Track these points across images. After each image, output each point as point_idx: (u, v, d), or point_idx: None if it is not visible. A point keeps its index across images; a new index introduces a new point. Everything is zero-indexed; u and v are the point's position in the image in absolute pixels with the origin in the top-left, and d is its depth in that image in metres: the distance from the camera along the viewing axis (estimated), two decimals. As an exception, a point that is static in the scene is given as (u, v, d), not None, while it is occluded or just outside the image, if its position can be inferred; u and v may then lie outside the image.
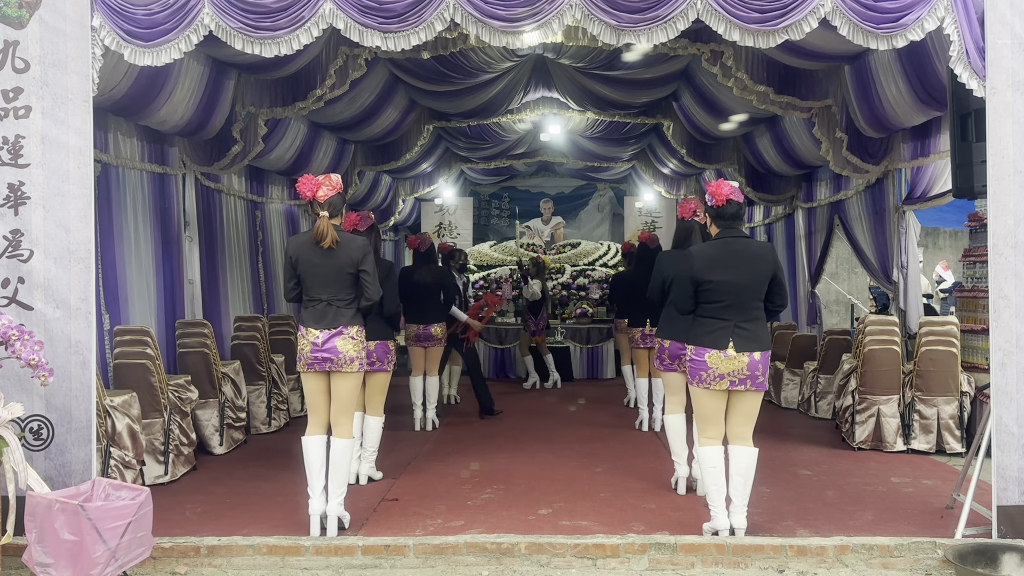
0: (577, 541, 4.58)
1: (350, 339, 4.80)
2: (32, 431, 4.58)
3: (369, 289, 4.81)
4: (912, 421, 7.10)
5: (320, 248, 4.76)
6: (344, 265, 4.78)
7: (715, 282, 4.60)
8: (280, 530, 4.85)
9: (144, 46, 4.76)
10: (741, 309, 4.61)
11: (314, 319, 4.80)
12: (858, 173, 8.11)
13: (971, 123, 5.03)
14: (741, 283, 4.61)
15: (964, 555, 4.25)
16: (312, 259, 4.79)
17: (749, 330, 4.61)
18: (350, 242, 4.83)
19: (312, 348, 4.78)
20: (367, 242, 4.95)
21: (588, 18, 4.78)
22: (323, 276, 4.78)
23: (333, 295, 4.80)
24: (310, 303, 4.84)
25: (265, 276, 9.84)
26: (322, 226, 4.73)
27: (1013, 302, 4.66)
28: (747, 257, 4.65)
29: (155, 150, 7.23)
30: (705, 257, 4.69)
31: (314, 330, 4.78)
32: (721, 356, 4.58)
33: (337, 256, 4.77)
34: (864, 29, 4.75)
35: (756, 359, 4.58)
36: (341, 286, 4.80)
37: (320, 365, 4.79)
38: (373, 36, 4.79)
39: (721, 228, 4.76)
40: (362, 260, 4.81)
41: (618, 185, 16.14)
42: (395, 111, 9.80)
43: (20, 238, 4.67)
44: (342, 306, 4.81)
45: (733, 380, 4.59)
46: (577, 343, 12.59)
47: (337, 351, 4.76)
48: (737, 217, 4.74)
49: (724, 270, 4.61)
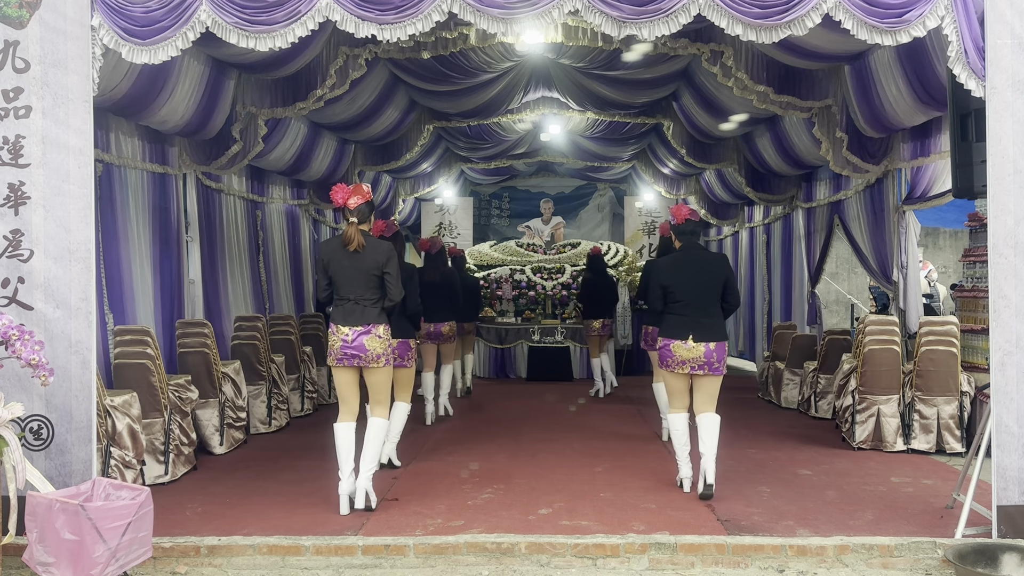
0: (577, 541, 4.58)
1: (377, 337, 5.19)
2: (32, 431, 4.58)
3: (392, 290, 5.21)
4: (912, 421, 7.10)
5: (348, 251, 5.16)
6: (370, 267, 5.17)
7: (677, 285, 5.55)
8: (280, 530, 4.85)
9: (141, 44, 4.75)
10: (699, 307, 5.53)
11: (343, 317, 5.20)
12: (858, 173, 8.11)
13: (971, 123, 5.02)
14: (698, 286, 5.54)
15: (964, 555, 4.25)
16: (341, 261, 5.19)
17: (706, 325, 5.49)
18: (376, 246, 5.24)
19: (342, 344, 5.18)
20: (392, 246, 5.36)
21: (589, 9, 4.76)
22: (351, 277, 5.18)
23: (360, 295, 5.19)
24: (339, 302, 5.24)
25: (266, 276, 9.84)
26: (350, 231, 5.14)
27: (1013, 302, 4.65)
28: (702, 265, 5.63)
29: (156, 150, 7.24)
30: (669, 265, 5.73)
31: (343, 328, 5.18)
32: (683, 346, 5.49)
33: (364, 259, 5.17)
34: (868, 24, 4.73)
35: (712, 348, 5.47)
36: (367, 287, 5.19)
37: (349, 361, 5.20)
38: (370, 27, 4.78)
39: (683, 242, 5.77)
40: (386, 263, 5.20)
41: (618, 185, 16.15)
42: (395, 111, 9.81)
43: (20, 238, 4.67)
44: (368, 305, 5.19)
45: (693, 366, 5.50)
46: (577, 343, 12.60)
47: (365, 349, 5.17)
48: (695, 233, 5.80)
49: (684, 276, 5.57)
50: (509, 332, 12.78)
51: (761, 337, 12.81)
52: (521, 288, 13.46)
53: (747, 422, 8.56)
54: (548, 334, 12.67)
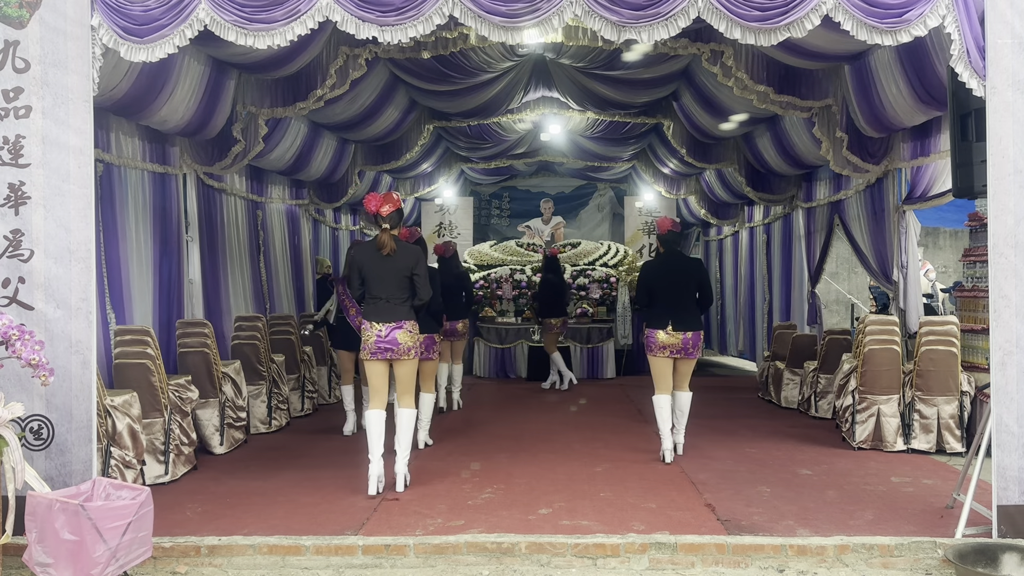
0: (577, 541, 4.58)
1: (407, 332, 5.71)
2: (32, 431, 4.58)
3: (422, 290, 5.74)
4: (912, 421, 7.10)
5: (381, 255, 5.66)
6: (401, 269, 5.68)
7: (659, 285, 6.71)
8: (280, 530, 4.85)
9: (139, 42, 4.75)
10: (677, 303, 6.63)
11: (375, 314, 5.69)
12: (858, 173, 8.11)
13: (971, 123, 5.02)
14: (676, 285, 6.69)
15: (964, 555, 4.25)
16: (375, 264, 5.69)
17: (683, 317, 6.60)
18: (406, 250, 5.76)
19: (376, 339, 5.66)
20: (420, 251, 5.91)
21: (589, 15, 4.77)
22: (383, 279, 5.68)
23: (391, 294, 5.69)
24: (372, 300, 5.73)
25: (266, 276, 9.84)
26: (384, 237, 5.65)
27: (1013, 301, 4.65)
28: (681, 268, 6.80)
29: (156, 150, 7.24)
30: (652, 268, 6.93)
31: (376, 324, 5.68)
32: (663, 334, 6.58)
33: (396, 262, 5.67)
34: (868, 24, 4.73)
35: (688, 336, 6.60)
36: (398, 287, 5.70)
37: (382, 354, 5.69)
38: (370, 28, 4.78)
39: (665, 248, 6.91)
40: (416, 266, 5.73)
41: (618, 185, 16.14)
42: (395, 111, 9.81)
43: (21, 238, 4.67)
44: (398, 303, 5.70)
45: (672, 350, 6.62)
46: (577, 343, 12.60)
47: (397, 342, 5.68)
48: (676, 242, 6.94)
49: (664, 277, 6.73)
50: (509, 332, 12.78)
51: (761, 337, 12.81)
52: (521, 288, 13.46)
53: (747, 422, 8.56)
54: (548, 334, 12.67)
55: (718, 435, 7.80)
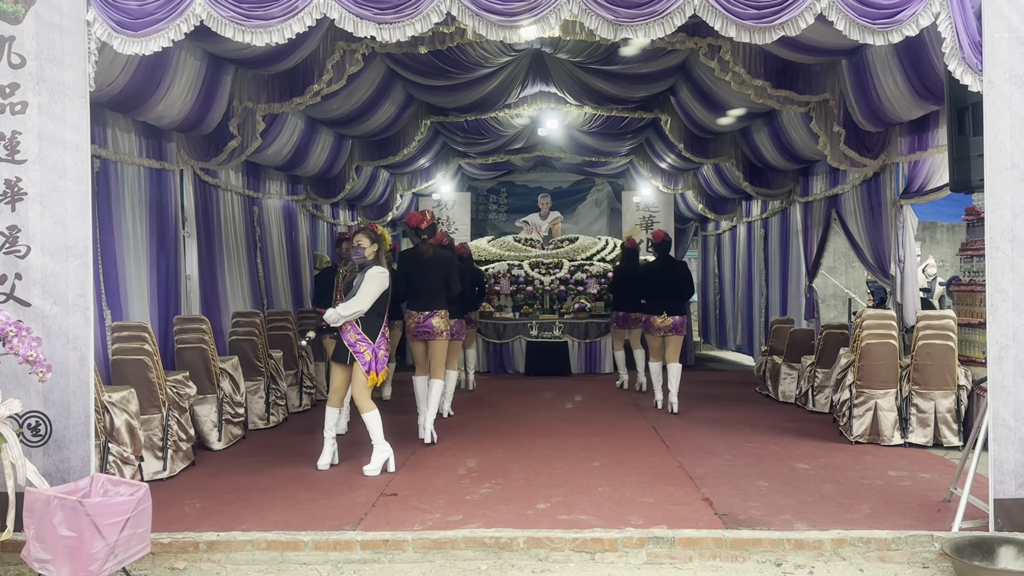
0: (575, 535, 4.59)
1: (440, 318, 7.26)
2: (30, 427, 4.58)
3: (453, 285, 7.40)
4: (909, 415, 7.12)
5: (423, 259, 7.27)
6: (438, 270, 7.30)
7: (653, 283, 8.84)
8: (279, 525, 4.86)
9: (133, 35, 4.73)
10: (668, 296, 8.68)
11: (417, 304, 7.29)
12: (856, 167, 8.11)
13: (968, 117, 5.03)
14: (667, 283, 8.71)
15: (961, 548, 4.26)
16: (419, 267, 7.28)
17: (673, 305, 8.66)
18: (441, 255, 7.44)
19: (416, 324, 7.28)
20: (451, 255, 7.77)
21: (585, 13, 4.78)
22: (424, 277, 7.27)
23: (429, 289, 7.27)
24: (415, 294, 7.29)
25: (263, 271, 9.83)
26: (424, 247, 7.29)
27: (1010, 296, 4.66)
28: (669, 270, 8.79)
29: (153, 145, 7.22)
30: (648, 270, 9.12)
31: (416, 313, 7.28)
32: (658, 318, 8.68)
33: (434, 264, 7.29)
34: (860, 24, 4.75)
35: (677, 319, 8.64)
36: (435, 284, 7.30)
37: (421, 336, 7.31)
38: (368, 27, 4.77)
39: (658, 253, 8.87)
40: (449, 267, 7.39)
41: (616, 180, 16.14)
42: (392, 106, 9.79)
43: (17, 234, 4.67)
44: (433, 295, 7.28)
45: (664, 331, 8.69)
46: (575, 338, 12.61)
47: (432, 326, 7.24)
48: (667, 248, 8.91)
49: (657, 276, 8.82)
50: (507, 327, 12.78)
51: (759, 331, 12.83)
52: (519, 283, 13.47)
53: (745, 416, 8.58)
54: (546, 329, 12.68)
55: (716, 429, 7.82)
